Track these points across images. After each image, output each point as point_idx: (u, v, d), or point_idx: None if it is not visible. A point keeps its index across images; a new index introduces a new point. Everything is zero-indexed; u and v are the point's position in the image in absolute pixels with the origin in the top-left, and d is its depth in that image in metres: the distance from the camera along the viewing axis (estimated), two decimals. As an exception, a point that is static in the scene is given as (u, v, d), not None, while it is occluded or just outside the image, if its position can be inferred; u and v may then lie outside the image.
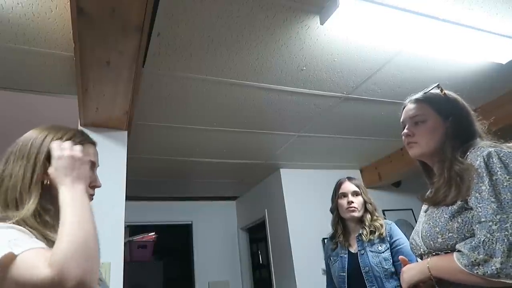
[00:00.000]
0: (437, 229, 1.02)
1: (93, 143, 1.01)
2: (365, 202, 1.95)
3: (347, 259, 1.90)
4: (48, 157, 0.88)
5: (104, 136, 2.26)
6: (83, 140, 0.97)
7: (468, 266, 0.89)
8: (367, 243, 1.86)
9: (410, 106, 1.20)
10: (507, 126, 2.57)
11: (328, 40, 1.84)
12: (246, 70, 2.02)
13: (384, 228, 1.88)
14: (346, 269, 1.88)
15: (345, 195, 1.96)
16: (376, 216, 1.93)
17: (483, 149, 0.99)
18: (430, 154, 1.13)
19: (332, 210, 2.05)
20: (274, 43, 1.82)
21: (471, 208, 0.96)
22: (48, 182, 0.87)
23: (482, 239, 0.88)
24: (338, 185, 2.03)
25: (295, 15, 1.65)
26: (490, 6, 1.71)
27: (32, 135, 0.93)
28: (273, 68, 2.04)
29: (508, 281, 0.83)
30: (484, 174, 0.94)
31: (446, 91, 1.18)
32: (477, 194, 0.94)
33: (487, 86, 2.51)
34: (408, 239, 1.27)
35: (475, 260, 0.88)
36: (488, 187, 0.92)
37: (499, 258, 0.84)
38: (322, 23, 1.66)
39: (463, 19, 1.76)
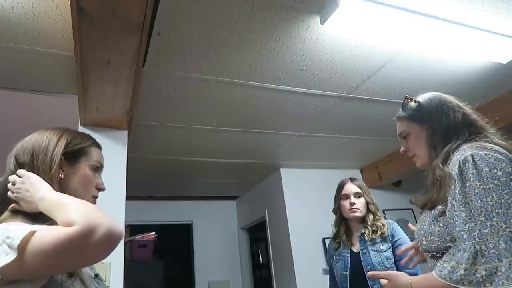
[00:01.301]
0: (422, 232, 1.07)
1: (99, 147, 1.04)
2: (367, 203, 1.96)
3: (349, 258, 1.91)
4: (65, 154, 0.92)
5: (105, 136, 2.25)
6: (93, 143, 1.01)
7: (441, 276, 0.91)
8: (369, 242, 1.87)
9: (397, 125, 1.26)
10: (507, 126, 2.57)
11: (328, 39, 1.84)
12: (246, 69, 2.02)
13: (386, 227, 1.89)
14: (348, 268, 1.89)
15: (347, 196, 1.97)
16: (379, 216, 1.94)
17: (462, 152, 1.00)
18: (429, 161, 1.15)
19: (334, 211, 2.06)
20: (275, 42, 1.82)
21: None
22: (62, 177, 0.90)
23: (458, 249, 0.91)
24: (341, 186, 2.04)
25: (295, 15, 1.65)
26: (490, 5, 1.71)
27: (47, 133, 0.94)
28: (273, 68, 2.04)
29: None
30: (457, 182, 0.95)
31: (421, 96, 1.21)
32: (453, 202, 0.96)
33: (487, 85, 2.50)
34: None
35: (449, 268, 0.90)
36: (459, 196, 0.94)
37: (463, 264, 0.86)
38: (322, 22, 1.65)
39: (463, 18, 1.76)
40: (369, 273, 1.15)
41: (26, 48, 1.68)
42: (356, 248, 1.93)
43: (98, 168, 1.00)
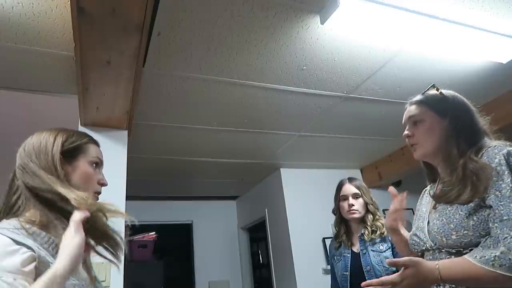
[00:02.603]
0: (452, 225, 1.01)
1: (97, 143, 1.04)
2: (366, 203, 1.95)
3: (350, 259, 1.91)
4: (62, 152, 0.92)
5: (105, 135, 2.25)
6: (90, 140, 1.01)
7: (486, 262, 0.87)
8: (369, 243, 1.87)
9: (409, 108, 1.21)
10: (507, 126, 2.57)
11: (328, 39, 1.84)
12: (246, 69, 2.02)
13: (385, 227, 1.89)
14: (348, 268, 1.89)
15: (345, 197, 1.96)
16: (378, 216, 1.94)
17: (501, 147, 0.99)
18: (433, 153, 1.14)
19: (334, 212, 2.06)
20: (275, 42, 1.82)
21: (488, 207, 0.95)
22: (63, 175, 0.90)
23: (505, 236, 0.88)
24: (339, 187, 2.03)
25: (295, 15, 1.65)
26: (490, 5, 1.71)
27: (43, 135, 0.95)
28: (273, 68, 2.04)
29: None
30: (506, 172, 0.93)
31: (443, 90, 1.19)
32: (497, 193, 0.93)
33: (487, 85, 2.50)
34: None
35: (494, 256, 0.87)
36: (510, 185, 0.92)
37: None
38: (322, 22, 1.65)
39: (463, 18, 1.76)
40: (387, 260, 1.04)
41: (26, 48, 1.68)
42: (356, 248, 1.93)
43: (97, 164, 1.01)
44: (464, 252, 0.97)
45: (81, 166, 0.95)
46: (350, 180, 2.04)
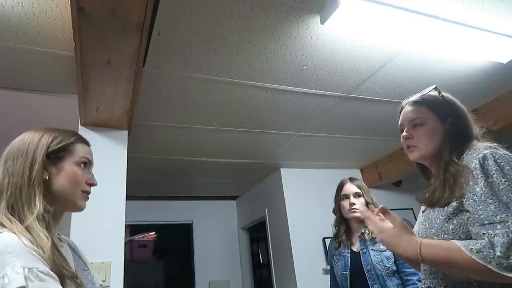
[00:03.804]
0: (433, 230, 1.02)
1: (86, 142, 1.03)
2: (367, 203, 1.96)
3: (349, 258, 1.92)
4: (47, 154, 0.91)
5: (105, 135, 2.26)
6: (77, 139, 0.99)
7: (471, 250, 0.87)
8: (369, 242, 1.87)
9: (408, 109, 1.19)
10: (507, 126, 2.57)
11: (328, 39, 1.84)
12: (246, 69, 2.02)
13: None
14: (348, 267, 1.90)
15: (347, 196, 1.97)
16: (378, 216, 1.94)
17: (479, 151, 0.99)
18: (429, 156, 1.13)
19: (334, 211, 2.07)
20: (275, 42, 1.82)
21: (467, 210, 0.95)
22: (47, 177, 0.89)
23: (486, 241, 0.87)
24: (340, 186, 2.04)
25: (295, 15, 1.65)
26: (490, 5, 1.71)
27: (28, 135, 0.95)
28: (273, 68, 2.04)
29: (502, 272, 0.83)
30: (480, 176, 0.94)
31: (443, 93, 1.18)
32: (474, 197, 0.94)
33: (487, 85, 2.50)
34: None
35: (482, 245, 0.86)
36: (483, 189, 0.92)
37: (499, 247, 0.84)
38: (322, 22, 1.65)
39: (463, 18, 1.76)
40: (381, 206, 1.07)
41: (26, 48, 1.68)
42: (356, 247, 1.93)
43: (86, 164, 0.99)
44: None
45: (67, 168, 0.94)
46: (351, 179, 2.05)
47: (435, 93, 1.17)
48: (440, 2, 1.65)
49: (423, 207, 1.16)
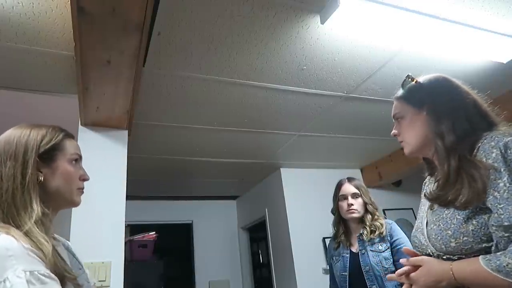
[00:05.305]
0: (449, 232, 0.92)
1: (72, 136, 1.00)
2: (365, 203, 1.95)
3: (348, 259, 1.91)
4: (39, 155, 0.88)
5: (105, 135, 2.26)
6: (65, 135, 0.97)
7: (499, 270, 0.79)
8: (368, 243, 1.87)
9: (393, 105, 1.16)
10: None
11: (328, 39, 1.84)
12: (246, 69, 2.02)
13: (384, 227, 1.89)
14: (347, 268, 1.89)
15: (345, 197, 1.97)
16: (377, 216, 1.94)
17: (498, 138, 0.88)
18: (421, 148, 1.07)
19: (333, 211, 2.06)
20: (275, 42, 1.82)
21: (487, 208, 0.86)
22: (42, 179, 0.87)
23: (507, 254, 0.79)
24: (338, 186, 2.04)
25: (295, 15, 1.65)
26: (490, 5, 1.71)
27: (13, 134, 0.90)
28: (273, 68, 2.03)
29: None
30: (502, 169, 0.83)
31: (421, 78, 1.10)
32: (495, 193, 0.84)
33: (488, 85, 2.49)
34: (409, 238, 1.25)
35: (507, 264, 0.78)
36: (508, 185, 0.82)
37: None
38: (322, 22, 1.65)
39: (463, 18, 1.76)
40: (401, 260, 0.98)
41: (26, 47, 1.68)
42: (355, 248, 1.93)
43: (77, 160, 0.97)
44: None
45: (61, 166, 0.91)
46: (349, 180, 2.04)
47: (411, 82, 1.11)
48: (440, 2, 1.65)
49: (427, 202, 1.07)
